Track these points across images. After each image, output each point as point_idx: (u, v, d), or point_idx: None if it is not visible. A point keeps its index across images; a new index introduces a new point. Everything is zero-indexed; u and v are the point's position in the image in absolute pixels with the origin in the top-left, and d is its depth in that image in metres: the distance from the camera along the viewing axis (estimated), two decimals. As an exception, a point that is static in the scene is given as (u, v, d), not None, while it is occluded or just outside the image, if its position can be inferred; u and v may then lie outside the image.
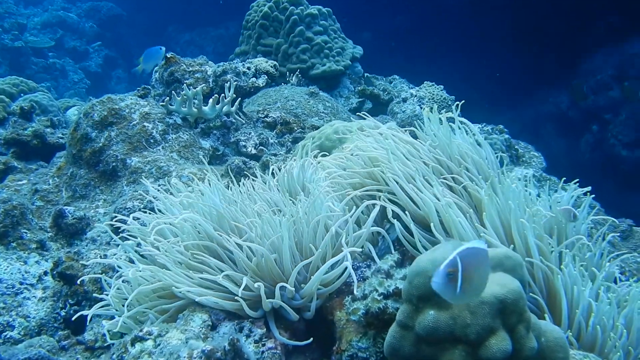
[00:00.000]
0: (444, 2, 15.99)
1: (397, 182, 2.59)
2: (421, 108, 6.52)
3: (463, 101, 3.45)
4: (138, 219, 3.00)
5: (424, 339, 1.83)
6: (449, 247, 1.89)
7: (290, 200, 2.84)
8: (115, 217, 3.82)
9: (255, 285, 2.27)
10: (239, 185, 3.17)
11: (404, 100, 6.72)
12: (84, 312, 2.71)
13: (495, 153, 5.72)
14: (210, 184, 2.98)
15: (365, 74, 7.68)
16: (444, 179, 2.70)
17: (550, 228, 2.63)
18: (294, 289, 2.34)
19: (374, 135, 3.01)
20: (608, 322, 2.21)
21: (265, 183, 3.18)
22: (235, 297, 2.28)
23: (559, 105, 14.44)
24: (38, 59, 18.76)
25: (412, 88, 7.08)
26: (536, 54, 14.47)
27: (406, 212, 2.51)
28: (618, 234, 5.22)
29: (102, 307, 2.71)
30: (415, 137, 3.13)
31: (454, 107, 3.00)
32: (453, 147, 2.83)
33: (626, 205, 12.07)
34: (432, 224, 2.43)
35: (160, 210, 3.02)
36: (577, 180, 5.52)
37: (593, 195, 5.69)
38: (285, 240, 2.37)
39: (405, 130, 3.06)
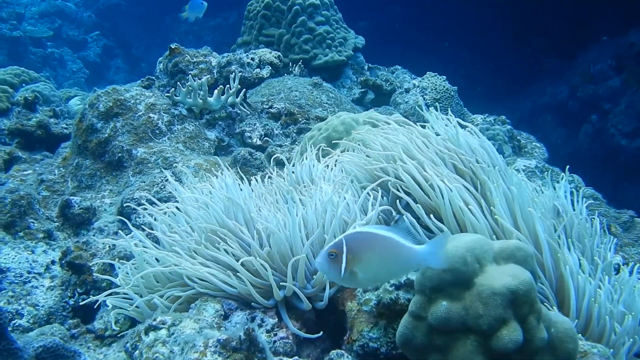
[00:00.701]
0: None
1: (408, 172, 2.61)
2: (424, 98, 6.54)
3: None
4: (153, 203, 3.02)
5: (436, 329, 1.86)
6: (464, 240, 1.92)
7: (300, 192, 2.87)
8: (125, 206, 3.86)
9: (268, 272, 2.30)
10: (249, 179, 3.20)
11: (407, 90, 6.75)
12: (97, 297, 2.73)
13: (498, 143, 5.77)
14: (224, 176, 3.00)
15: (369, 65, 7.69)
16: (455, 168, 2.72)
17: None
18: (304, 279, 2.38)
19: (384, 127, 3.03)
20: (613, 310, 2.24)
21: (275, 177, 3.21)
22: (245, 283, 2.31)
23: (557, 95, 14.46)
24: (37, 49, 18.72)
25: (414, 79, 7.10)
26: (535, 44, 14.50)
27: (418, 203, 2.53)
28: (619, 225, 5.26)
29: (110, 294, 2.74)
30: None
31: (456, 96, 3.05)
32: (461, 141, 2.85)
33: (626, 195, 12.15)
34: (443, 213, 2.46)
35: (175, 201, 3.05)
36: (570, 176, 5.57)
37: (591, 188, 5.74)
38: (295, 227, 2.40)
39: (416, 123, 3.07)
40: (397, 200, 2.61)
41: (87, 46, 21.32)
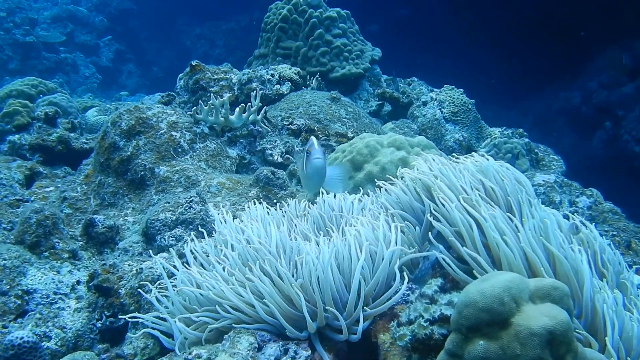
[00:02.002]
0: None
1: (444, 204, 2.61)
2: (442, 112, 6.55)
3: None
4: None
5: (473, 369, 1.87)
6: (500, 279, 1.94)
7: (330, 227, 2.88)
8: (150, 227, 3.89)
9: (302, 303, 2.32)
10: (274, 201, 3.22)
11: (424, 103, 6.77)
12: (139, 318, 2.74)
13: (517, 157, 5.78)
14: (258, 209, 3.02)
15: (386, 76, 7.70)
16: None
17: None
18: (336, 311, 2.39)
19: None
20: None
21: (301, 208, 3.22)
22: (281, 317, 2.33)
23: (571, 101, 14.43)
24: (49, 54, 18.86)
25: (431, 91, 7.11)
26: (548, 49, 14.46)
27: (452, 235, 2.53)
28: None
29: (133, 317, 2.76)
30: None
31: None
32: (490, 170, 2.85)
33: (638, 202, 12.12)
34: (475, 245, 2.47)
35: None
36: (589, 190, 5.56)
37: (610, 202, 5.73)
38: (328, 260, 2.41)
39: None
40: (429, 231, 2.62)
41: (99, 51, 21.45)
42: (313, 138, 2.85)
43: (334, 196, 3.16)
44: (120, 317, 3.37)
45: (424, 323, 2.18)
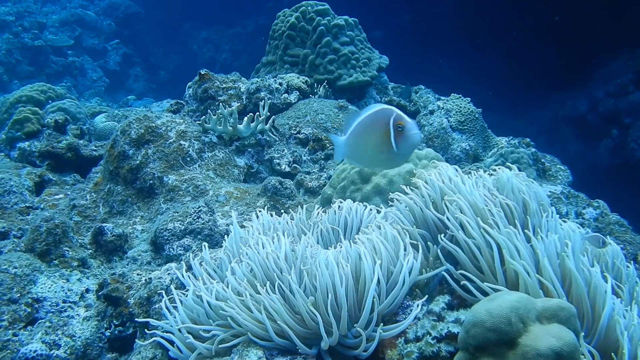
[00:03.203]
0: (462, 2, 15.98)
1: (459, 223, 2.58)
2: (449, 121, 6.57)
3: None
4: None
5: (480, 387, 1.90)
6: (508, 299, 1.96)
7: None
8: (159, 236, 3.93)
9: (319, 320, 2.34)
10: (281, 210, 3.23)
11: (431, 112, 6.78)
12: (150, 322, 2.76)
13: (523, 167, 5.78)
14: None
15: (407, 86, 7.71)
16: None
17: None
18: (346, 327, 2.41)
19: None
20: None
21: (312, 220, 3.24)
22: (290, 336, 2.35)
23: (577, 108, 14.41)
24: (57, 58, 18.94)
25: (438, 99, 7.13)
26: (555, 57, 14.47)
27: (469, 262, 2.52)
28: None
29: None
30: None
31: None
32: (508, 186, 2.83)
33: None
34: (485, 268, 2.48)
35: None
36: (596, 201, 5.56)
37: (617, 214, 5.73)
38: (338, 279, 2.43)
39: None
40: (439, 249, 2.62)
41: (106, 54, 21.54)
42: (398, 110, 2.63)
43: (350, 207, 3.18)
44: (135, 319, 3.39)
45: (431, 340, 2.21)
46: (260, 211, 3.18)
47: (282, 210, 4.16)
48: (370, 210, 3.12)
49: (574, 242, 2.45)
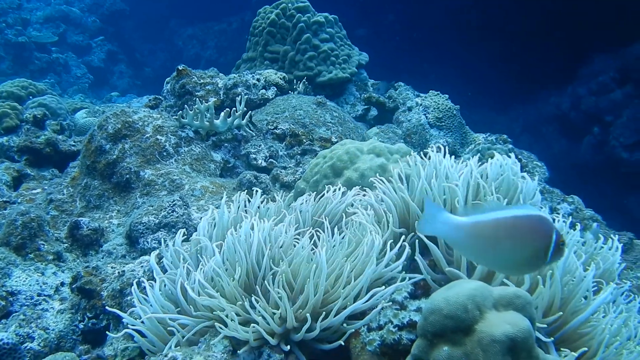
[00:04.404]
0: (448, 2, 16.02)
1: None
2: (427, 117, 6.61)
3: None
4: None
5: (437, 373, 1.94)
6: (466, 287, 2.00)
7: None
8: (134, 229, 3.95)
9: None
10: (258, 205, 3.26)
11: (410, 109, 6.82)
12: (122, 317, 2.77)
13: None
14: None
15: (385, 83, 7.74)
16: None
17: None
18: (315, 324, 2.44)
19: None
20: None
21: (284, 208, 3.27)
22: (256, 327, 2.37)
23: (560, 106, 14.50)
24: (41, 54, 18.85)
25: (417, 96, 7.16)
26: (538, 55, 14.54)
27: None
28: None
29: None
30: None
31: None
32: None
33: (626, 207, 12.22)
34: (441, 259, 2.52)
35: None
36: (570, 197, 5.62)
37: (591, 210, 5.80)
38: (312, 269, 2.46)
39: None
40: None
41: (91, 51, 21.44)
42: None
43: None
44: (106, 308, 3.40)
45: (392, 329, 2.25)
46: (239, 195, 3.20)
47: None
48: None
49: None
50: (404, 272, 2.60)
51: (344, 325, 2.42)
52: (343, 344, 2.38)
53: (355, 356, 2.37)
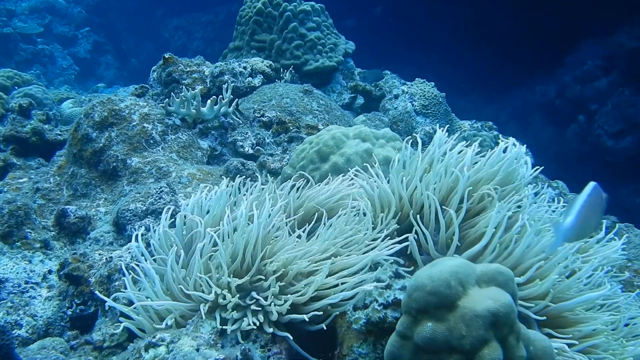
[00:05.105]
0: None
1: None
2: (413, 105, 6.65)
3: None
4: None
5: (422, 349, 1.97)
6: (448, 264, 2.03)
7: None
8: (121, 217, 3.96)
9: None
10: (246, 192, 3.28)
11: (396, 97, 6.85)
12: (110, 303, 2.76)
13: (485, 149, 5.87)
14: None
15: (374, 70, 7.76)
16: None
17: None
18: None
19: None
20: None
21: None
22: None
23: (546, 94, 14.58)
24: (27, 45, 18.73)
25: (403, 84, 7.19)
26: (525, 44, 14.60)
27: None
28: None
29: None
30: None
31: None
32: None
33: (611, 195, 12.29)
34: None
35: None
36: (555, 182, 5.66)
37: (575, 194, 5.85)
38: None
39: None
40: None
41: (77, 42, 21.31)
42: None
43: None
44: (95, 292, 3.40)
45: (377, 307, 2.28)
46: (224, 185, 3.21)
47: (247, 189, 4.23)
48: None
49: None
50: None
51: (329, 307, 2.46)
52: (325, 327, 2.42)
53: (342, 335, 2.41)
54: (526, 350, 1.97)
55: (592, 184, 2.58)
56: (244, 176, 3.63)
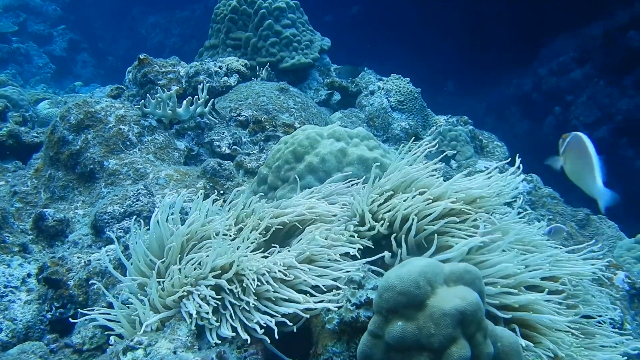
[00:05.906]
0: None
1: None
2: (389, 101, 6.71)
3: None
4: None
5: (392, 347, 2.02)
6: (417, 264, 2.09)
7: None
8: (99, 219, 3.98)
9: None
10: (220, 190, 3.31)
11: (372, 93, 6.91)
12: (93, 315, 2.78)
13: (461, 144, 5.95)
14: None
15: (344, 66, 7.80)
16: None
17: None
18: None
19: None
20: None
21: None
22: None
23: (522, 87, 14.70)
24: (2, 44, 18.60)
25: (379, 80, 7.25)
26: (500, 37, 14.71)
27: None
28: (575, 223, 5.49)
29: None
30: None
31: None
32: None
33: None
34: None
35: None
36: (529, 175, 5.75)
37: (549, 187, 5.94)
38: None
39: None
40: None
41: (53, 40, 21.14)
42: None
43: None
44: (67, 310, 3.44)
45: (350, 307, 2.33)
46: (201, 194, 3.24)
47: (222, 192, 4.27)
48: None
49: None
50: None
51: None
52: (295, 330, 2.47)
53: (317, 335, 2.46)
54: (494, 347, 2.03)
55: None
56: (221, 177, 3.67)
